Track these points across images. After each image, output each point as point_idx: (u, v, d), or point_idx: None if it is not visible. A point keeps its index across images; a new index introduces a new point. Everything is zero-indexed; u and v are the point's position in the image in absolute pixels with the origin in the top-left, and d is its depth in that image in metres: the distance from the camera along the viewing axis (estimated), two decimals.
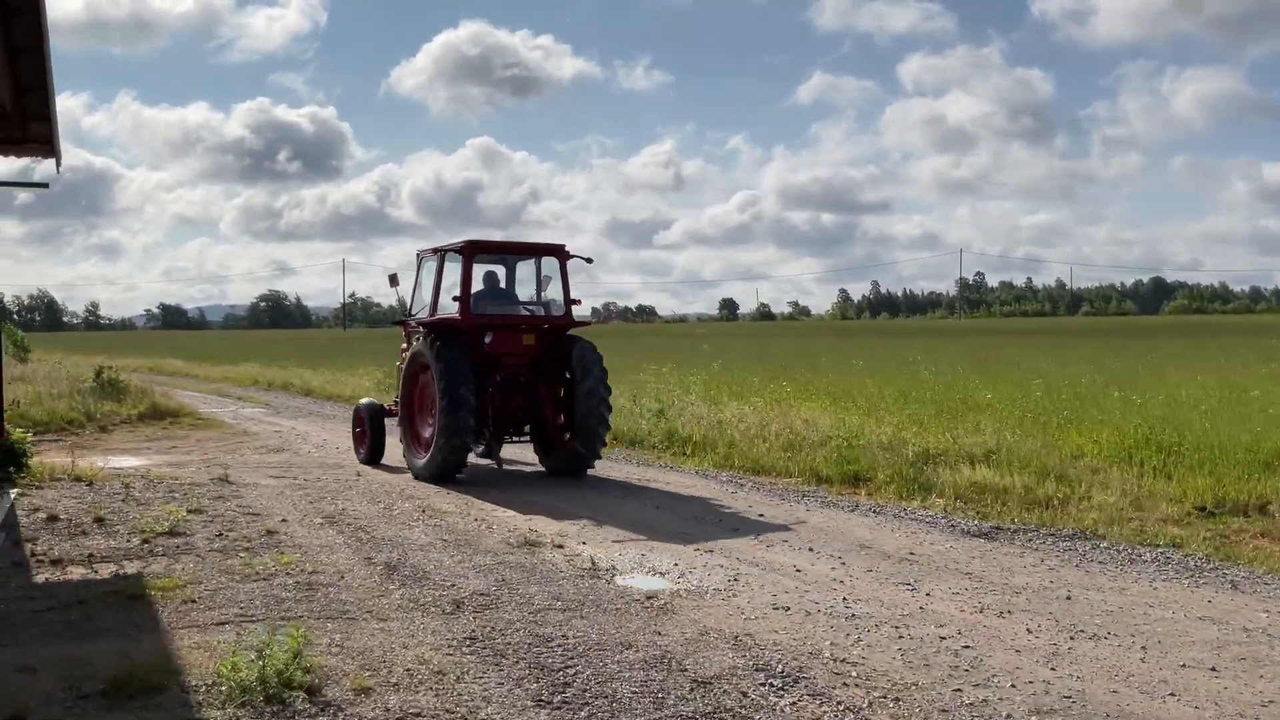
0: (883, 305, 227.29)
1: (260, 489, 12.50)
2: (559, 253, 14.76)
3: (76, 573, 8.29)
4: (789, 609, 7.58)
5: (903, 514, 11.66)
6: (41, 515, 10.30)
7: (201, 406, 27.62)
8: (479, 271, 14.60)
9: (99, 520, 10.13)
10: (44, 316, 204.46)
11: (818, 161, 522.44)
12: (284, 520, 10.50)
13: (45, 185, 13.10)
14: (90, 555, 8.81)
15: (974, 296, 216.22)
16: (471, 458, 14.32)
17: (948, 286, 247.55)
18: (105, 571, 8.33)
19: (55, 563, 8.55)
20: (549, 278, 15.03)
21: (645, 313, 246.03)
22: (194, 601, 7.30)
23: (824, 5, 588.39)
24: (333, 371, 36.56)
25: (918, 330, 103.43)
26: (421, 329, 14.48)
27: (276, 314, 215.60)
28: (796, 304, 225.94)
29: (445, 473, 13.42)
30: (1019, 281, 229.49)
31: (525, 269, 15.45)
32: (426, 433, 13.90)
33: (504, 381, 14.14)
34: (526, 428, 14.78)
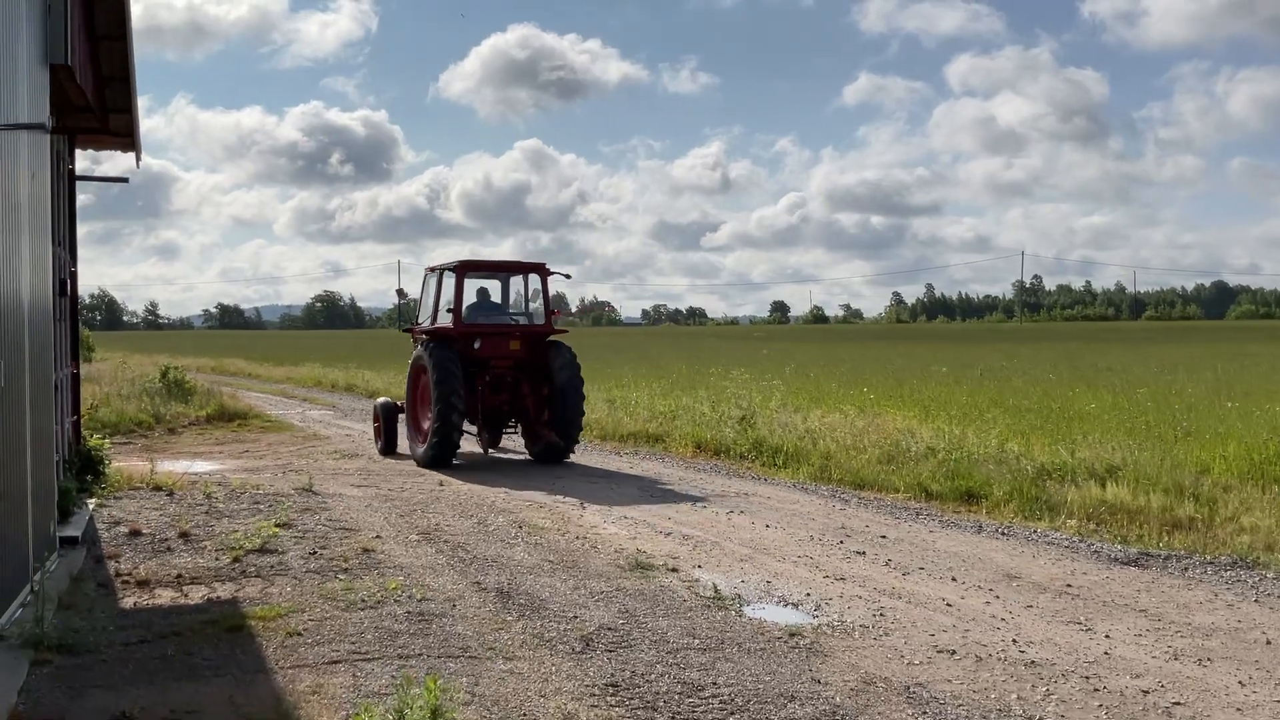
0: (938, 308, 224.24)
1: (346, 500, 11.88)
2: (540, 270, 16.96)
3: (166, 596, 7.68)
4: (954, 652, 6.75)
5: (1034, 537, 10.77)
6: (123, 529, 9.73)
7: (268, 408, 27.25)
8: (476, 286, 17.09)
9: (184, 535, 9.54)
10: (104, 316, 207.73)
11: (866, 163, 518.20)
12: (378, 536, 9.85)
13: (125, 180, 12.62)
14: (179, 576, 8.19)
15: (1031, 300, 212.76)
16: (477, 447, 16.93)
17: (1003, 289, 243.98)
18: (196, 595, 7.70)
19: (142, 584, 7.95)
20: (538, 291, 17.11)
21: (695, 315, 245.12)
22: (299, 634, 6.63)
23: (869, 7, 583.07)
24: (395, 373, 36.14)
25: (979, 334, 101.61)
26: (422, 336, 16.57)
27: (332, 314, 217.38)
28: (848, 307, 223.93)
29: (441, 459, 15.26)
30: (1076, 285, 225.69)
31: (519, 283, 17.61)
32: (425, 425, 15.83)
33: (492, 381, 16.21)
34: (513, 421, 16.93)
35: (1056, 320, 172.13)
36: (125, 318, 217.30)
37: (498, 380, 16.25)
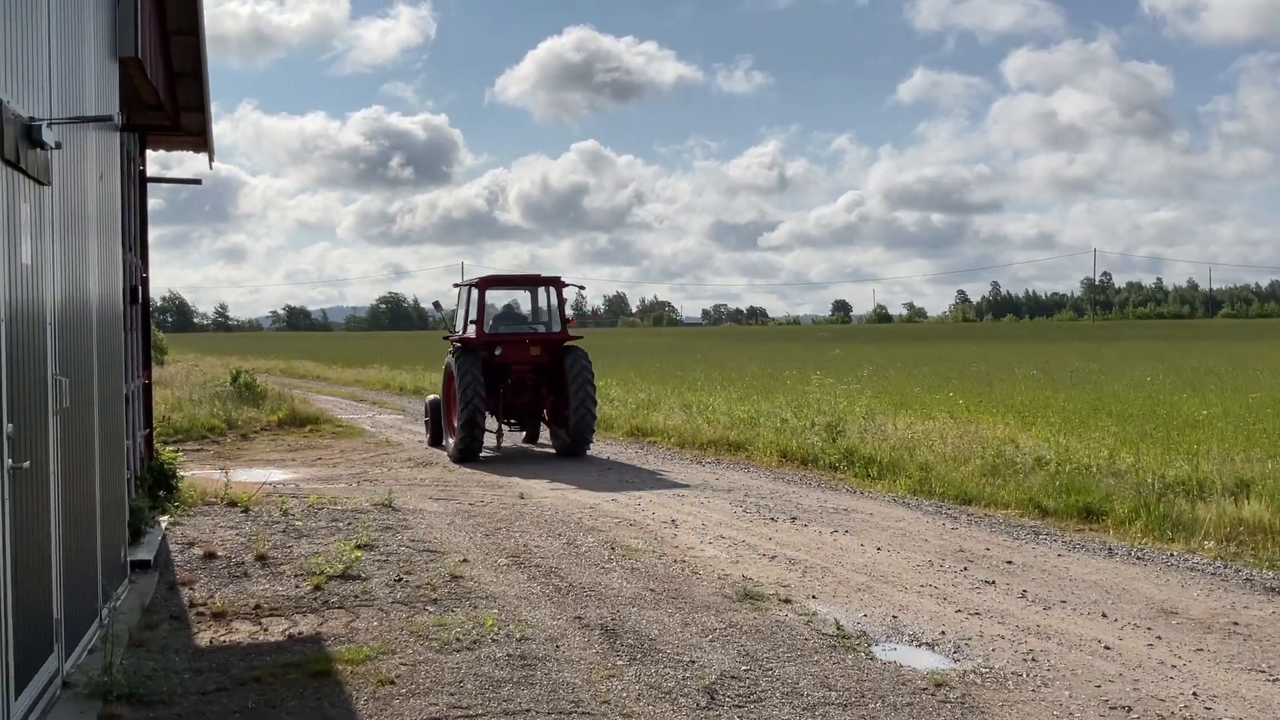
0: (1004, 307, 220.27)
1: (427, 516, 11.26)
2: (556, 283, 18.70)
3: (243, 631, 7.08)
4: (1130, 710, 5.91)
5: (1173, 562, 9.83)
6: (197, 551, 9.18)
7: (339, 412, 26.91)
8: (505, 298, 19.62)
9: (261, 558, 8.96)
10: (175, 318, 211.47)
11: (925, 160, 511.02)
12: (465, 560, 9.19)
13: (198, 181, 12.12)
14: (257, 606, 7.60)
15: (1099, 298, 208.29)
16: (513, 442, 19.34)
17: (1070, 287, 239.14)
18: (277, 629, 7.09)
19: (218, 616, 7.36)
20: (565, 300, 18.72)
21: (756, 315, 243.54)
22: (392, 683, 5.96)
23: (922, 5, 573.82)
24: None
25: (1050, 333, 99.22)
26: (454, 345, 18.45)
27: (396, 315, 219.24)
28: (911, 305, 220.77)
29: (468, 453, 16.95)
30: (1145, 282, 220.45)
31: (543, 295, 19.08)
32: (455, 423, 17.52)
33: (514, 384, 17.99)
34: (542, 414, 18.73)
35: (1129, 319, 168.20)
36: (196, 319, 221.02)
37: (519, 383, 18.02)
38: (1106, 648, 7.07)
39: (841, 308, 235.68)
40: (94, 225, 6.98)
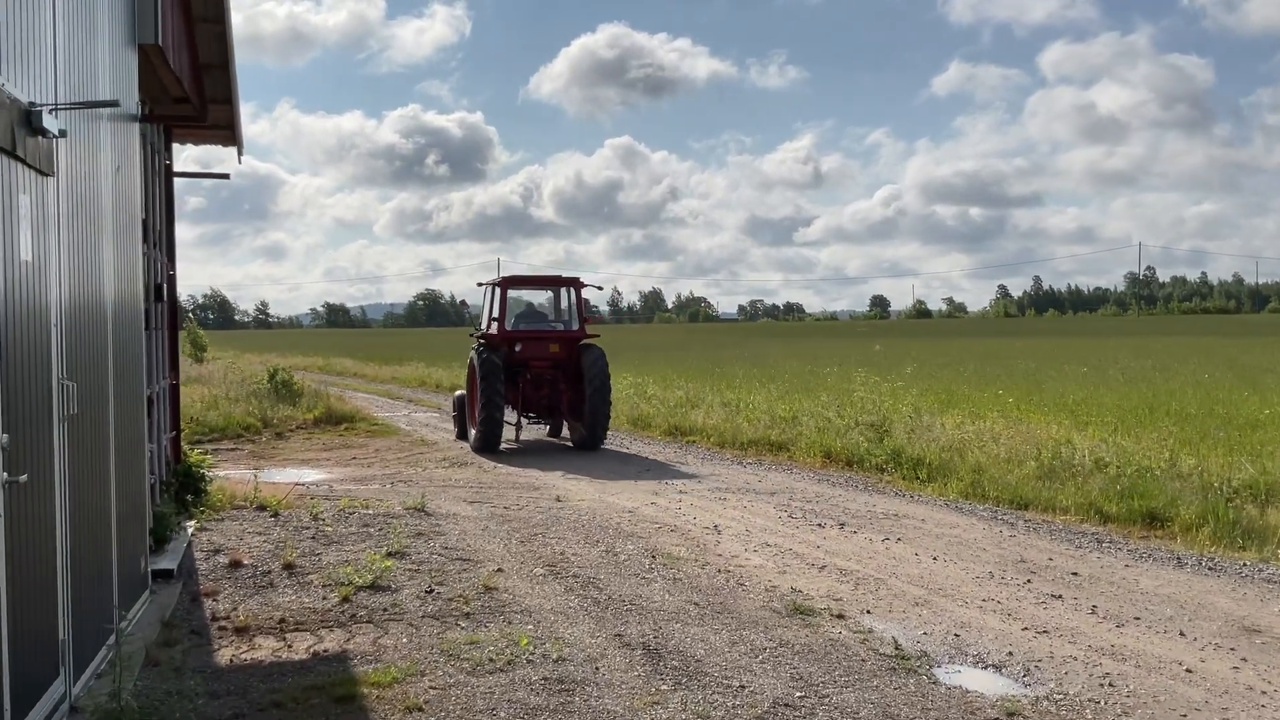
0: (1046, 302, 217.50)
1: (460, 521, 10.88)
2: (574, 283, 19.31)
3: (266, 647, 6.71)
4: None
5: (1246, 572, 9.25)
6: (223, 559, 8.83)
7: (375, 410, 26.66)
8: (529, 297, 20.46)
9: (289, 567, 8.60)
10: (217, 315, 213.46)
11: (962, 154, 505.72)
12: (500, 569, 8.78)
13: (226, 176, 11.79)
14: (282, 620, 7.23)
15: (1143, 292, 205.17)
16: (535, 434, 20.14)
17: (1112, 282, 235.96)
18: (301, 646, 6.71)
19: (241, 631, 6.99)
20: (586, 300, 19.56)
21: (793, 310, 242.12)
22: (421, 709, 5.55)
23: None
24: None
25: (1095, 328, 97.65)
26: (478, 341, 18.99)
27: (433, 312, 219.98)
28: (951, 300, 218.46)
29: (488, 444, 17.91)
30: (1190, 276, 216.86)
31: (564, 294, 19.70)
32: (476, 416, 18.32)
33: (533, 379, 18.63)
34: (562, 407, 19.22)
35: (1174, 314, 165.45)
36: (237, 316, 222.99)
37: (538, 378, 18.69)
38: (1188, 671, 6.54)
39: (879, 303, 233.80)
40: (110, 220, 6.63)
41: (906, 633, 7.35)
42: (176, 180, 11.67)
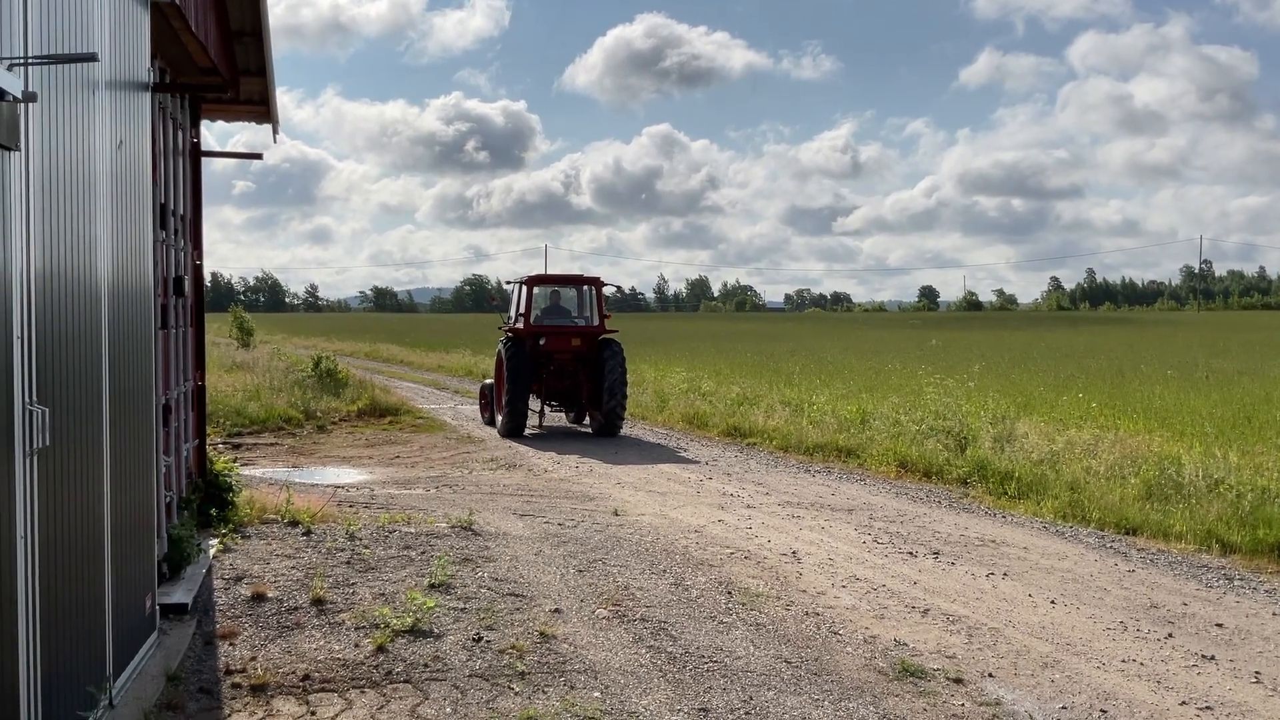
0: (1099, 295, 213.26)
1: (511, 543, 9.79)
2: (595, 282, 20.73)
3: (286, 713, 5.65)
4: None
5: None
6: (245, 590, 7.80)
7: (420, 401, 25.76)
8: (552, 295, 21.20)
9: (318, 602, 7.55)
10: (267, 297, 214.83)
11: (1000, 145, 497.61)
12: (557, 610, 7.68)
13: (259, 156, 10.75)
14: (307, 676, 6.17)
15: (1198, 285, 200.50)
16: (558, 421, 21.79)
17: (1161, 274, 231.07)
18: (327, 714, 5.64)
19: (257, 690, 5.94)
20: (608, 297, 21.09)
21: (841, 300, 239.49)
22: None
23: None
24: None
25: (1153, 322, 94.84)
26: (504, 334, 20.53)
27: (479, 297, 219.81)
28: (1000, 292, 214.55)
29: (513, 430, 19.31)
30: (1248, 270, 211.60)
31: (587, 292, 20.97)
32: (503, 404, 19.71)
33: (555, 370, 19.98)
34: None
35: (1233, 308, 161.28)
36: (287, 299, 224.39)
37: (560, 370, 20.01)
38: None
39: (929, 294, 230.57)
40: (106, 205, 5.58)
41: (1042, 708, 6.15)
42: (215, 162, 10.66)
